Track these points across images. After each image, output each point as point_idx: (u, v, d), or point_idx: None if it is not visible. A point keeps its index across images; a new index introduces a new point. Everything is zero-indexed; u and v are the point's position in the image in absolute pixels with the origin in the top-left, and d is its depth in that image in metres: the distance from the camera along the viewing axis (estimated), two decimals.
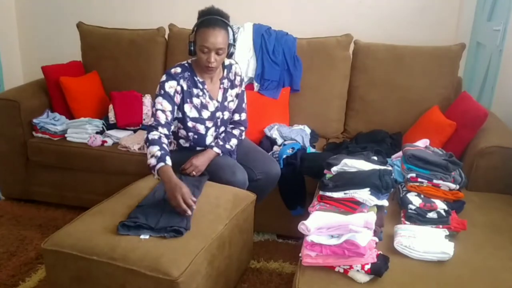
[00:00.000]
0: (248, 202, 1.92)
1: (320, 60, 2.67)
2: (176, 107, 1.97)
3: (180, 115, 2.02)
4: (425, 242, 1.43)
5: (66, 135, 2.58)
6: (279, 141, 2.43)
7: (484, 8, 2.75)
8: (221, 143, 2.08)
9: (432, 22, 2.99)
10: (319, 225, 1.42)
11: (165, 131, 1.90)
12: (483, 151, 1.98)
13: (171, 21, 2.89)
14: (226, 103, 2.11)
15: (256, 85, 2.67)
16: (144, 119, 2.68)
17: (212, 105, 2.05)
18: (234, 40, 2.01)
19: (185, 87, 1.99)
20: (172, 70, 1.98)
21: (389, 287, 1.30)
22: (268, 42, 2.67)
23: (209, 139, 2.10)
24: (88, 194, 2.56)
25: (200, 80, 2.02)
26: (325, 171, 1.85)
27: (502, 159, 1.95)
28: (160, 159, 1.77)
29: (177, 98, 1.97)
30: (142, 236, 1.53)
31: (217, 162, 2.05)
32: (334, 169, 1.80)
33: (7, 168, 2.67)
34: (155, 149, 1.80)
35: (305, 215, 1.53)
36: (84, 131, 2.56)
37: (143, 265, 1.42)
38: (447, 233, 1.52)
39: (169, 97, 1.93)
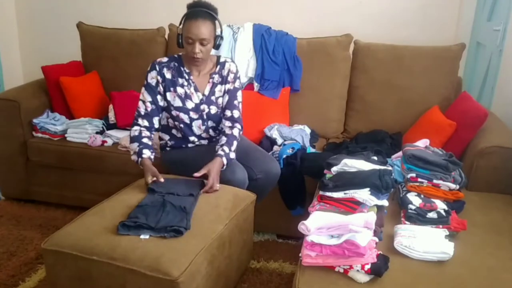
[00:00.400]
0: (248, 202, 1.92)
1: (320, 60, 2.67)
2: (160, 97, 2.05)
3: (166, 104, 2.07)
4: (425, 242, 1.43)
5: (66, 135, 2.58)
6: (279, 141, 2.43)
7: (484, 8, 2.75)
8: (227, 150, 1.99)
9: (432, 22, 2.99)
10: (319, 225, 1.42)
11: (145, 122, 2.02)
12: (483, 151, 1.98)
13: (171, 21, 2.89)
14: (213, 98, 2.10)
15: (256, 85, 2.67)
16: None
17: (196, 97, 2.08)
18: (221, 31, 2.06)
19: (168, 76, 2.05)
20: (158, 59, 2.07)
21: (389, 287, 1.30)
22: (268, 42, 2.67)
23: (196, 130, 2.12)
24: (88, 194, 2.56)
25: (187, 71, 2.07)
26: (325, 171, 1.85)
27: (502, 159, 1.95)
28: (139, 154, 1.96)
29: (160, 89, 2.04)
30: (142, 236, 1.53)
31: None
32: (334, 169, 1.80)
33: (7, 168, 2.67)
34: (134, 146, 1.98)
35: (305, 215, 1.53)
36: (84, 131, 2.56)
37: (143, 265, 1.42)
38: (447, 233, 1.52)
39: (150, 88, 2.04)
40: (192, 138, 2.13)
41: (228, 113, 2.12)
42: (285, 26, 2.77)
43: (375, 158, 1.95)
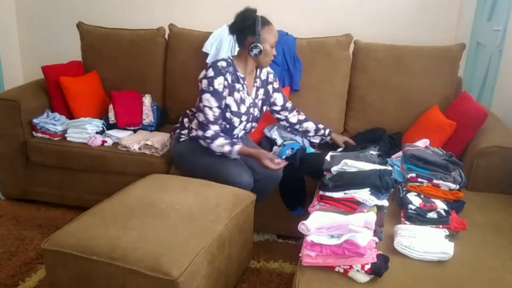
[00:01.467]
0: (248, 202, 1.92)
1: (320, 60, 2.67)
2: (224, 103, 2.05)
3: (223, 107, 2.06)
4: (425, 242, 1.43)
5: (66, 135, 2.58)
6: (279, 141, 2.43)
7: (484, 8, 2.75)
8: (321, 126, 2.40)
9: (432, 22, 2.99)
10: (319, 225, 1.42)
11: (215, 127, 2.03)
12: (483, 151, 1.98)
13: (171, 21, 2.89)
14: (257, 101, 2.21)
15: None
16: (144, 119, 2.68)
17: (248, 101, 2.14)
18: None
19: (230, 81, 2.05)
20: (219, 64, 2.02)
21: (389, 287, 1.30)
22: None
23: (236, 132, 2.15)
24: (88, 194, 2.56)
25: (241, 75, 2.11)
26: (325, 172, 1.85)
27: (502, 159, 1.95)
28: (232, 143, 2.02)
29: (226, 93, 2.04)
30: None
31: (224, 161, 2.05)
32: (334, 169, 1.80)
33: (7, 168, 2.67)
34: (222, 140, 2.01)
35: (305, 215, 1.53)
36: (84, 131, 2.56)
37: (143, 265, 1.42)
38: (447, 233, 1.53)
39: (217, 94, 2.00)
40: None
41: (288, 105, 2.37)
42: (285, 26, 2.76)
43: (373, 153, 1.96)
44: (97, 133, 2.59)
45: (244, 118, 2.12)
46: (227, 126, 2.11)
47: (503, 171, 1.96)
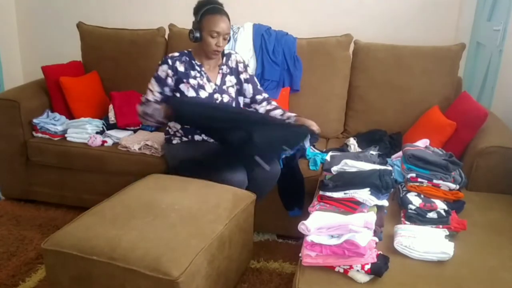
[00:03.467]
0: (248, 202, 1.92)
1: (320, 60, 2.67)
2: (168, 89, 2.14)
3: (179, 95, 2.14)
4: (425, 242, 1.43)
5: (66, 135, 2.58)
6: None
7: (484, 8, 2.75)
8: (280, 112, 2.23)
9: (432, 22, 2.99)
10: (319, 225, 1.42)
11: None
12: (483, 151, 1.98)
13: (171, 21, 2.89)
14: (225, 87, 2.21)
15: None
16: None
17: (209, 87, 2.17)
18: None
19: (181, 69, 2.14)
20: (170, 55, 2.17)
21: (389, 287, 1.30)
22: (268, 42, 2.67)
23: None
24: (88, 194, 2.56)
25: (198, 63, 2.18)
26: (325, 172, 1.85)
27: (502, 159, 1.95)
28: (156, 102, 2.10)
29: (170, 81, 2.13)
30: None
31: (218, 160, 2.06)
32: (334, 169, 1.81)
33: (7, 168, 2.67)
34: (152, 105, 2.04)
35: (304, 216, 1.53)
36: (84, 131, 2.56)
37: (143, 265, 1.42)
38: (447, 233, 1.53)
39: (159, 80, 2.13)
40: (198, 137, 2.19)
41: (259, 97, 2.30)
42: (285, 26, 2.77)
43: (373, 153, 1.96)
44: (97, 133, 2.59)
45: None
46: None
47: (503, 171, 1.96)
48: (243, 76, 2.27)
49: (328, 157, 1.97)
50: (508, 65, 2.35)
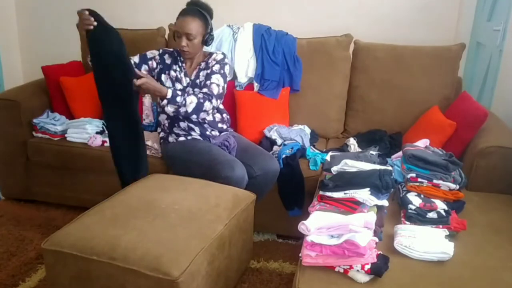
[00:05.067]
0: (248, 202, 1.92)
1: (320, 60, 2.67)
2: (144, 67, 2.28)
3: (141, 67, 2.28)
4: (425, 242, 1.43)
5: (66, 135, 2.58)
6: (279, 141, 2.43)
7: (484, 8, 2.75)
8: (179, 92, 2.13)
9: (432, 22, 2.99)
10: (319, 225, 1.42)
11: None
12: (483, 151, 1.98)
13: (171, 21, 2.87)
14: (198, 81, 2.29)
15: (256, 85, 2.67)
16: (144, 119, 2.68)
17: (184, 81, 2.29)
18: (211, 30, 2.26)
19: (168, 61, 2.30)
20: (164, 48, 2.37)
21: (389, 287, 1.30)
22: (268, 42, 2.67)
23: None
24: (88, 194, 2.56)
25: (182, 59, 2.32)
26: (325, 172, 1.85)
27: (502, 159, 1.95)
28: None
29: (154, 64, 2.29)
30: None
31: (215, 157, 2.07)
32: (334, 169, 1.80)
33: (7, 168, 2.67)
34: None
35: (304, 216, 1.53)
36: (84, 131, 2.56)
37: (143, 265, 1.42)
38: (447, 233, 1.53)
39: (143, 56, 2.30)
40: (195, 135, 2.27)
41: (196, 90, 2.25)
42: (285, 26, 2.77)
43: (373, 152, 1.95)
44: (97, 133, 2.59)
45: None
46: None
47: (503, 171, 1.96)
48: (207, 71, 2.27)
49: (328, 157, 1.96)
50: (508, 65, 2.35)
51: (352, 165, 1.78)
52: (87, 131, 2.55)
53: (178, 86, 2.28)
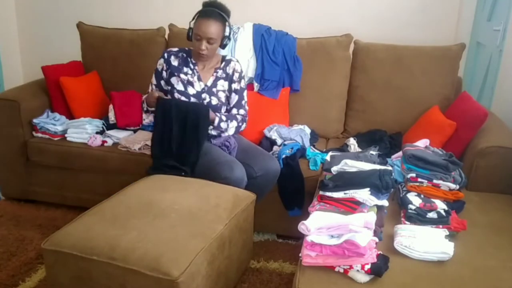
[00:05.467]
0: (248, 202, 1.92)
1: (320, 60, 2.67)
2: (163, 82, 2.25)
3: (169, 88, 2.23)
4: (425, 242, 1.43)
5: (66, 135, 2.58)
6: (279, 141, 2.43)
7: (484, 8, 2.75)
8: (224, 118, 2.20)
9: (432, 22, 2.99)
10: (319, 225, 1.42)
11: None
12: (483, 151, 1.98)
13: (171, 21, 2.89)
14: (215, 90, 2.24)
15: (256, 85, 2.67)
16: (144, 119, 2.67)
17: (198, 85, 2.22)
18: (230, 33, 2.21)
19: (175, 63, 2.23)
20: (169, 49, 2.28)
21: (389, 287, 1.30)
22: (268, 42, 2.67)
23: None
24: (88, 194, 2.56)
25: (193, 61, 2.24)
26: (325, 172, 1.85)
27: (502, 159, 1.95)
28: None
29: (165, 74, 2.24)
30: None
31: (215, 158, 2.07)
32: (334, 169, 1.80)
33: (7, 168, 2.67)
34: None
35: (304, 216, 1.53)
36: (84, 131, 2.56)
37: (143, 265, 1.42)
38: (447, 233, 1.53)
39: (158, 73, 2.26)
40: None
41: (234, 111, 2.30)
42: (285, 26, 2.77)
43: (373, 152, 1.95)
44: (97, 133, 2.60)
45: (193, 100, 2.20)
46: None
47: (503, 171, 1.96)
48: (234, 86, 2.28)
49: (328, 157, 1.96)
50: (508, 65, 2.35)
51: (352, 165, 1.78)
52: (87, 131, 2.55)
53: (191, 90, 2.20)
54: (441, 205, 1.64)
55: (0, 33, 3.51)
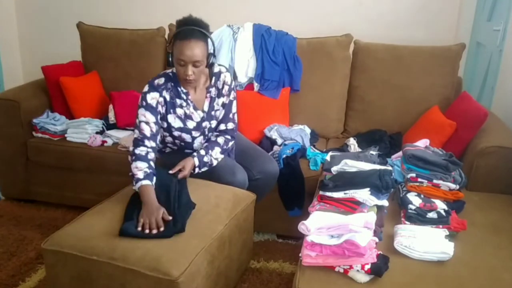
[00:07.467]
0: (248, 202, 1.92)
1: (320, 60, 2.67)
2: (159, 118, 1.93)
3: (166, 125, 1.98)
4: (425, 242, 1.43)
5: (66, 135, 2.58)
6: (279, 141, 2.43)
7: (484, 8, 2.75)
8: (202, 153, 1.97)
9: (432, 22, 2.99)
10: (319, 225, 1.42)
11: (151, 143, 1.86)
12: (483, 151, 1.98)
13: (171, 21, 2.88)
14: (213, 113, 2.04)
15: (256, 85, 2.67)
16: None
17: (197, 116, 2.00)
18: (214, 50, 1.96)
19: (168, 98, 1.94)
20: (155, 81, 1.93)
21: (389, 287, 1.30)
22: (268, 42, 2.67)
23: (197, 145, 2.07)
24: (88, 194, 2.56)
25: (184, 90, 1.97)
26: (325, 172, 1.85)
27: (502, 159, 1.95)
28: (148, 176, 1.76)
29: (161, 109, 1.94)
30: None
31: (216, 164, 2.05)
32: (334, 169, 1.80)
33: (7, 168, 2.67)
34: (144, 165, 1.78)
35: (304, 216, 1.53)
36: (84, 131, 2.56)
37: (143, 265, 1.42)
38: (447, 233, 1.53)
39: (151, 109, 1.89)
40: (189, 151, 2.07)
41: (222, 126, 2.09)
42: (285, 26, 2.77)
43: (373, 152, 1.95)
44: (97, 133, 2.60)
45: (196, 134, 2.02)
46: (182, 144, 2.05)
47: (503, 171, 1.96)
48: (223, 100, 2.05)
49: (328, 157, 1.96)
50: (508, 65, 2.35)
51: (352, 165, 1.78)
52: (87, 131, 2.56)
53: (190, 124, 1.99)
54: (441, 205, 1.64)
55: (0, 33, 3.51)
